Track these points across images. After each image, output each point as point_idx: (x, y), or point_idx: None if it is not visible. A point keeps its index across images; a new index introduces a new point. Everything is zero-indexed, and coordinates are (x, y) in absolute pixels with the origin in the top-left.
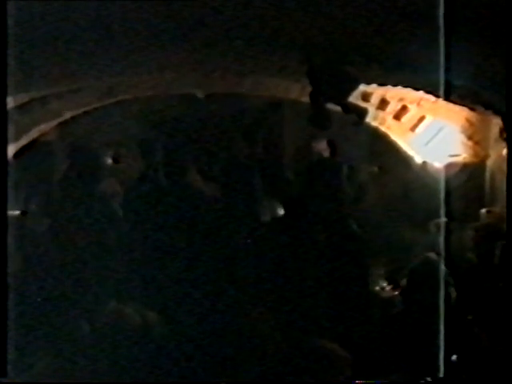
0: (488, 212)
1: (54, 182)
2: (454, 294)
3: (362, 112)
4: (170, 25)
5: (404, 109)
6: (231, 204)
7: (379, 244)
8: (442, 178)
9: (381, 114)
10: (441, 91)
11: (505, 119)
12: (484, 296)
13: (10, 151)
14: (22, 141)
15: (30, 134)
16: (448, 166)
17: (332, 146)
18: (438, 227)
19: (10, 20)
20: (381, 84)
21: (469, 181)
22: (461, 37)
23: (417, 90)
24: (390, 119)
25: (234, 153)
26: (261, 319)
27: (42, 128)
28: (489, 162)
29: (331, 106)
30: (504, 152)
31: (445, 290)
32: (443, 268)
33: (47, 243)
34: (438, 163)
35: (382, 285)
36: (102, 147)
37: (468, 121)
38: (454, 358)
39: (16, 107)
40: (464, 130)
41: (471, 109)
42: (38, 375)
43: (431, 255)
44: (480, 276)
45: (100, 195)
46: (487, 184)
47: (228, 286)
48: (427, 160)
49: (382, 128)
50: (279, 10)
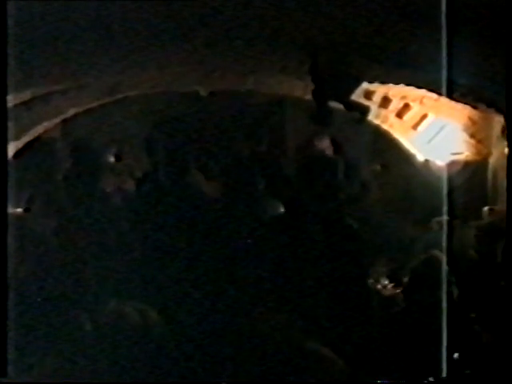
0: (490, 210)
1: (55, 180)
2: (456, 292)
3: (365, 110)
4: (171, 24)
5: (406, 107)
6: (231, 204)
7: (381, 242)
8: (444, 176)
9: (383, 111)
10: (443, 89)
11: (507, 117)
12: (486, 294)
13: (12, 149)
14: (25, 139)
15: (31, 132)
16: (450, 164)
17: (335, 144)
18: (440, 225)
19: (10, 20)
20: (383, 82)
21: (471, 179)
22: (463, 34)
23: (419, 88)
24: (392, 117)
25: (236, 152)
26: (261, 319)
27: (44, 126)
28: (491, 160)
29: (334, 104)
30: (506, 150)
31: (447, 289)
32: (445, 266)
33: (47, 242)
34: (440, 161)
35: (384, 283)
36: (104, 145)
37: (470, 119)
38: (456, 355)
39: (17, 105)
40: (466, 128)
41: (473, 107)
42: (38, 375)
43: (433, 253)
44: (482, 274)
45: (100, 195)
46: (489, 182)
47: (228, 286)
48: (429, 158)
49: (385, 126)
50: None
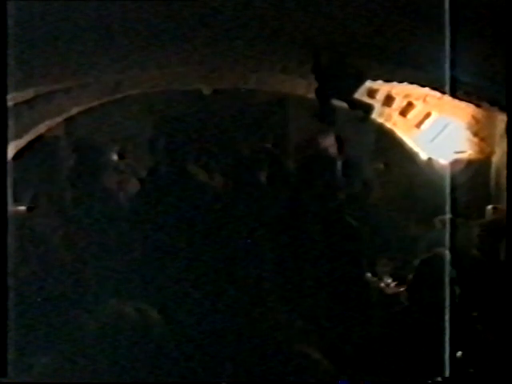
0: (494, 209)
1: (58, 179)
2: (458, 290)
3: (368, 108)
4: (171, 24)
5: (410, 105)
6: (232, 203)
7: (384, 240)
8: (447, 174)
9: (386, 110)
10: (447, 87)
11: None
12: (489, 293)
13: (15, 148)
14: (27, 137)
15: (34, 131)
16: (453, 163)
17: (339, 142)
18: (443, 224)
19: (10, 20)
20: (387, 80)
21: (474, 177)
22: (467, 33)
23: (423, 86)
24: (395, 115)
25: (238, 151)
26: (261, 319)
27: (47, 124)
28: (494, 159)
29: (337, 103)
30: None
31: (450, 287)
32: (448, 265)
33: (48, 242)
34: (443, 160)
35: (387, 281)
36: (107, 144)
37: (474, 117)
38: (459, 354)
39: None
40: (470, 127)
41: (477, 105)
42: (38, 375)
43: (436, 252)
44: (485, 272)
45: (101, 194)
46: (493, 180)
47: (228, 286)
48: (433, 156)
49: (388, 124)
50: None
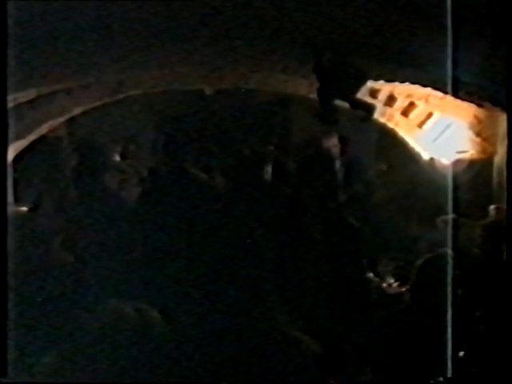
0: (496, 209)
1: (60, 179)
2: (460, 290)
3: (370, 108)
4: (172, 24)
5: (412, 105)
6: (232, 203)
7: (386, 240)
8: (449, 174)
9: (388, 110)
10: (449, 88)
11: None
12: (491, 293)
13: (17, 149)
14: (30, 138)
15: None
16: (456, 163)
17: (343, 142)
18: (445, 223)
19: (10, 20)
20: (388, 80)
21: (476, 177)
22: (468, 33)
23: (425, 86)
24: (397, 115)
25: (240, 151)
26: (261, 319)
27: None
28: (496, 159)
29: (339, 103)
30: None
31: (452, 287)
32: (451, 264)
33: (48, 242)
34: (445, 159)
35: (389, 281)
36: (109, 144)
37: (476, 117)
38: (461, 354)
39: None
40: (472, 127)
41: (479, 105)
42: (38, 375)
43: (439, 251)
44: (487, 272)
45: (102, 194)
46: (495, 180)
47: (228, 286)
48: (435, 156)
49: (390, 124)
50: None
